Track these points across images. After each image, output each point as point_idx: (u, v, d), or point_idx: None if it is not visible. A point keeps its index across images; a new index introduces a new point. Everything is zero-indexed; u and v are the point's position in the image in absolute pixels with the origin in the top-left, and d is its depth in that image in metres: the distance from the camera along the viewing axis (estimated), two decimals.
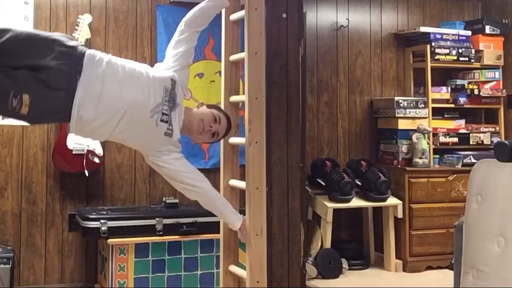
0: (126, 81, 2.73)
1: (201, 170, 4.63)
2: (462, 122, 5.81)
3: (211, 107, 3.06)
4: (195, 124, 2.96)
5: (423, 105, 5.57)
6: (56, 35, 2.67)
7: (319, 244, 5.16)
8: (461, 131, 5.77)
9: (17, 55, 2.55)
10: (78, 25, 4.48)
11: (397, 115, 5.48)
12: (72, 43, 2.67)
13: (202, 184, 2.93)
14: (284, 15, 3.52)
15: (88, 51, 2.68)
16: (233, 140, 3.25)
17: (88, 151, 4.48)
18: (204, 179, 2.96)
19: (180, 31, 3.03)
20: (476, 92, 5.76)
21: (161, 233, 4.38)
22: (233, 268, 3.24)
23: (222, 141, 3.24)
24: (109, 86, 2.67)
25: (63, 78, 2.57)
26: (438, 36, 5.69)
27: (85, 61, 2.63)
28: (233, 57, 3.29)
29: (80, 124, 2.66)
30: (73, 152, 4.45)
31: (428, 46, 5.63)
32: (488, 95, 5.80)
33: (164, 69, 2.96)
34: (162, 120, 2.80)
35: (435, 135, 5.66)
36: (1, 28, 2.60)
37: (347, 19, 5.70)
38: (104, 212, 4.39)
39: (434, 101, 5.68)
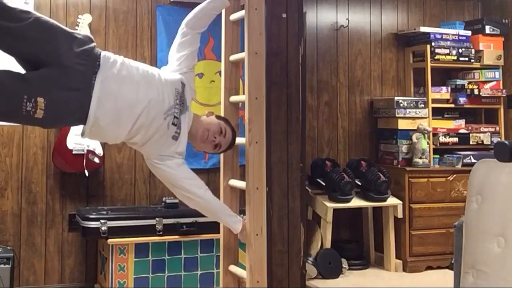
0: (141, 82, 2.72)
1: (201, 170, 4.69)
2: (462, 122, 5.81)
3: (220, 118, 3.06)
4: (200, 131, 2.94)
5: (423, 105, 5.57)
6: (78, 34, 2.65)
7: (319, 244, 5.16)
8: (461, 131, 5.77)
9: (34, 44, 2.51)
10: (78, 25, 4.48)
11: (397, 115, 5.48)
12: (91, 44, 2.64)
13: (202, 191, 2.90)
14: (284, 15, 3.53)
15: (103, 53, 2.67)
16: None
17: (88, 151, 4.48)
18: (205, 187, 2.93)
19: (182, 33, 3.00)
20: (476, 92, 5.76)
21: (161, 233, 4.38)
22: (233, 268, 3.24)
23: None
24: (125, 86, 2.66)
25: (79, 78, 2.55)
26: (438, 36, 5.69)
27: (101, 61, 2.61)
28: (233, 57, 3.29)
29: (95, 127, 2.64)
30: (73, 152, 4.45)
31: (428, 46, 5.63)
32: (488, 95, 5.80)
33: (170, 72, 2.95)
34: (173, 123, 2.80)
35: (435, 135, 5.66)
36: (24, 9, 2.55)
37: (347, 19, 5.70)
38: (104, 212, 4.39)
39: (434, 101, 5.68)
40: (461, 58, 5.74)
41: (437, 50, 5.65)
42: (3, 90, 2.45)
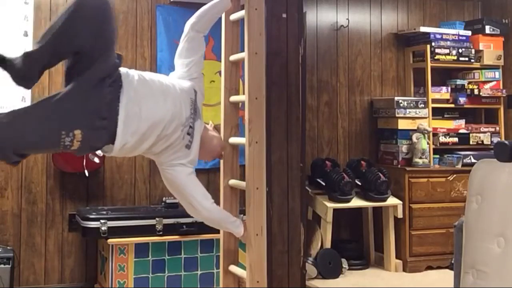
0: (160, 97, 2.69)
1: (201, 170, 4.68)
2: (462, 122, 5.81)
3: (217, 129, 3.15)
4: (218, 150, 3.05)
5: (423, 105, 5.57)
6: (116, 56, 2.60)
7: (319, 244, 5.16)
8: (461, 131, 5.77)
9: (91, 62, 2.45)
10: None
11: (397, 115, 5.48)
12: (119, 70, 2.61)
13: (208, 203, 2.88)
14: (284, 15, 3.52)
15: (122, 71, 2.62)
16: (233, 140, 3.25)
17: None
18: (211, 199, 2.91)
19: (188, 38, 2.97)
20: (476, 92, 5.76)
21: (161, 233, 4.38)
22: (233, 268, 3.24)
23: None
24: (145, 105, 2.62)
25: (107, 107, 2.51)
26: (438, 36, 5.69)
27: (123, 83, 2.57)
28: (233, 57, 3.29)
29: (122, 148, 2.62)
30: None
31: (428, 46, 5.63)
32: (488, 95, 5.80)
33: (178, 78, 2.92)
34: (188, 133, 2.80)
35: (435, 135, 5.66)
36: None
37: (347, 19, 5.70)
38: (104, 212, 4.39)
39: (434, 101, 5.68)
40: (461, 58, 5.75)
41: (437, 50, 5.65)
42: (40, 129, 2.41)
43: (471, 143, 5.76)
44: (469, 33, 5.83)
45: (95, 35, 2.44)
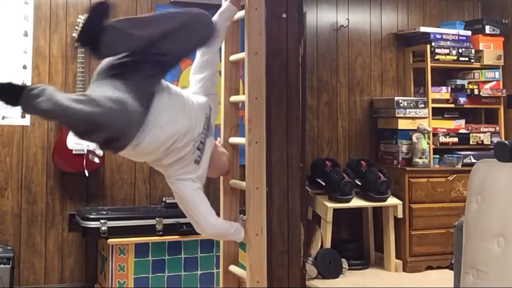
0: (179, 110, 2.70)
1: None
2: (462, 122, 5.81)
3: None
4: (226, 166, 3.06)
5: (423, 105, 5.57)
6: None
7: (319, 244, 5.16)
8: (461, 131, 5.77)
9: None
10: (78, 25, 4.48)
11: (397, 115, 5.48)
12: None
13: (213, 219, 2.86)
14: (284, 15, 3.52)
15: None
16: (233, 140, 3.25)
17: (88, 151, 4.48)
18: (215, 215, 2.90)
19: (201, 53, 2.97)
20: (476, 92, 5.76)
21: (161, 233, 4.38)
22: (233, 268, 3.24)
23: (222, 141, 3.25)
24: (166, 113, 2.63)
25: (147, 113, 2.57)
26: (438, 36, 5.69)
27: (155, 89, 2.60)
28: (233, 57, 3.29)
29: (135, 149, 2.61)
30: (73, 152, 4.45)
31: (428, 46, 5.63)
32: (488, 95, 5.80)
33: (192, 93, 2.92)
34: (198, 148, 2.79)
35: (435, 135, 5.66)
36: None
37: (347, 19, 5.70)
38: (104, 212, 4.39)
39: (434, 101, 5.68)
40: (461, 58, 5.75)
41: (437, 50, 5.65)
42: (132, 125, 2.47)
43: (471, 143, 5.76)
44: (469, 33, 5.83)
45: (190, 50, 2.62)
